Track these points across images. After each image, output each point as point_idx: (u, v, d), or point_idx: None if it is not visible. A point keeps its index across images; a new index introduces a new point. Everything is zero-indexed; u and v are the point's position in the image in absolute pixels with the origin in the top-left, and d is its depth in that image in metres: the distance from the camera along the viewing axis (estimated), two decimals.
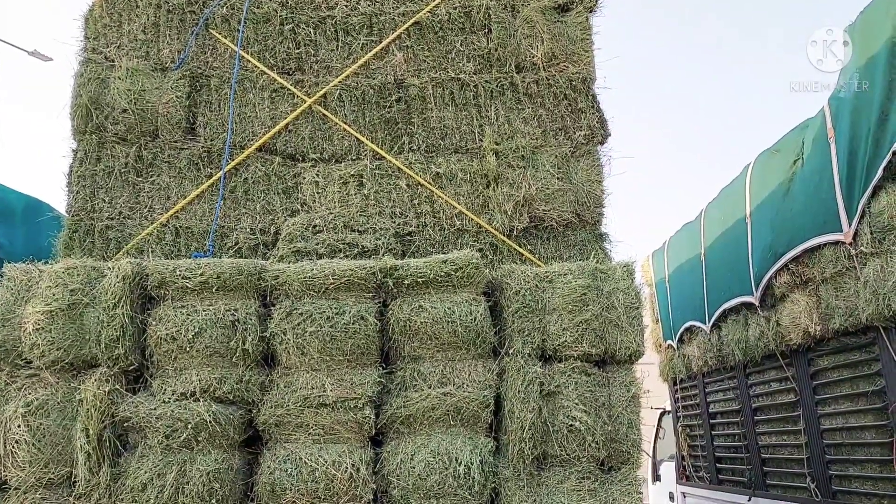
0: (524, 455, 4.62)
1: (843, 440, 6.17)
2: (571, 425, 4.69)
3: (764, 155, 7.47)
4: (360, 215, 5.82)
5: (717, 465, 9.02)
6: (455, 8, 6.19)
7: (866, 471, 5.90)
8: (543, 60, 6.08)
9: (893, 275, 5.12)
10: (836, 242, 5.84)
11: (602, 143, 6.07)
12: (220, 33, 6.14)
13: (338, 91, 6.04)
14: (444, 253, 5.30)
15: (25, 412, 4.48)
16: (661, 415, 11.83)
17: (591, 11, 6.28)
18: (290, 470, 4.47)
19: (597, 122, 6.05)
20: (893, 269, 5.13)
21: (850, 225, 5.62)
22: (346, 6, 6.23)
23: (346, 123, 6.01)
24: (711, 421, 9.18)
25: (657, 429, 11.91)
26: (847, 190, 5.67)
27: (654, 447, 11.92)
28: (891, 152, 5.11)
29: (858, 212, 5.50)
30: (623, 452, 4.81)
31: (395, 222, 5.84)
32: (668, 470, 11.01)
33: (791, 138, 6.92)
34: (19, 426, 4.45)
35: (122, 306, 4.60)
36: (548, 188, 5.82)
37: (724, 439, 8.89)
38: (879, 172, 5.24)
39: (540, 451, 4.70)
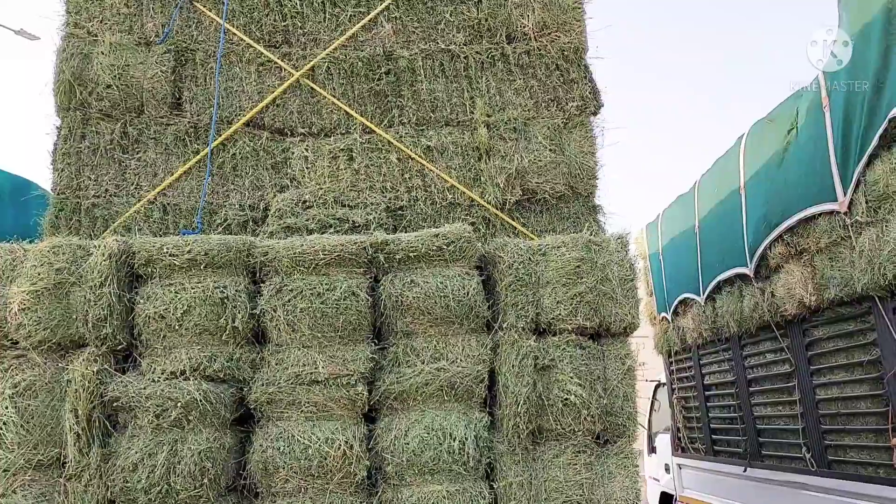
0: (519, 430, 4.59)
1: (839, 410, 6.17)
2: (566, 399, 4.66)
3: (758, 125, 7.41)
4: (351, 190, 5.75)
5: (713, 436, 9.04)
6: None
7: (862, 440, 5.90)
8: (535, 30, 5.99)
9: (889, 244, 5.08)
10: (831, 212, 5.81)
11: (595, 113, 6.01)
12: (204, 6, 6.02)
13: (326, 64, 5.95)
14: (436, 227, 5.23)
15: (13, 393, 4.43)
16: (657, 387, 11.86)
17: None
18: (282, 448, 4.44)
19: (589, 93, 5.98)
20: (889, 239, 5.09)
21: (845, 194, 5.58)
22: None
23: (334, 97, 5.92)
24: (706, 393, 9.19)
25: (652, 401, 11.94)
26: (842, 159, 5.62)
27: (650, 419, 11.96)
28: (886, 120, 5.06)
29: (853, 181, 5.46)
30: (619, 425, 4.79)
31: (385, 197, 5.77)
32: (664, 442, 11.05)
33: (785, 107, 6.85)
34: (7, 408, 4.41)
35: (109, 285, 4.54)
36: (540, 160, 5.75)
37: (719, 411, 8.90)
38: (875, 141, 5.20)
39: (535, 425, 4.67)
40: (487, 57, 5.98)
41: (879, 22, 5.24)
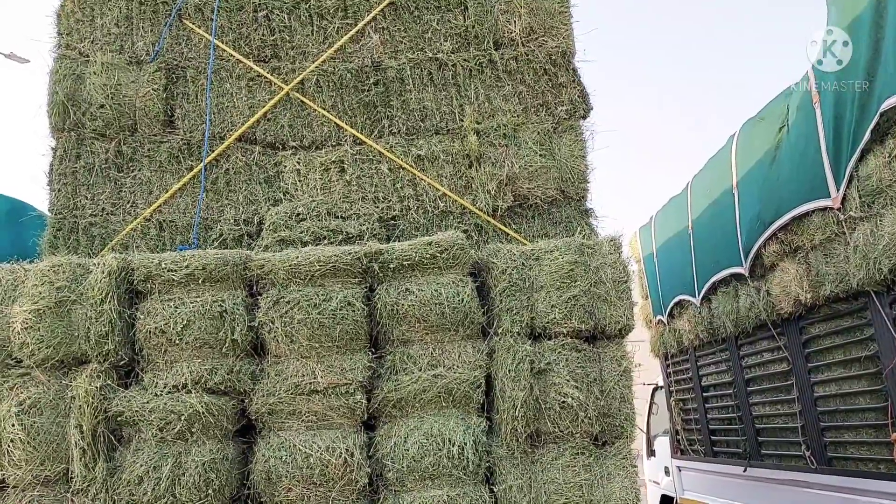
0: (517, 433, 4.63)
1: (838, 407, 6.17)
2: (563, 402, 4.69)
3: (749, 123, 7.42)
4: (343, 201, 5.79)
5: (712, 437, 9.04)
6: None
7: (861, 437, 5.90)
8: (522, 36, 6.04)
9: (883, 238, 5.08)
10: (825, 208, 5.82)
11: (584, 117, 6.04)
12: (193, 23, 6.08)
13: (315, 77, 6.00)
14: (429, 235, 5.26)
15: (18, 411, 4.48)
16: (654, 390, 11.85)
17: None
18: (284, 457, 4.48)
19: (578, 97, 6.01)
20: (883, 233, 5.09)
21: (838, 190, 5.59)
22: None
23: (324, 109, 5.97)
24: (704, 394, 9.19)
25: (650, 404, 11.93)
26: (834, 155, 5.63)
27: (648, 422, 11.95)
28: (878, 114, 5.07)
29: (846, 176, 5.46)
30: (616, 427, 4.82)
31: (378, 207, 5.82)
32: (663, 445, 11.03)
33: (776, 105, 6.87)
34: (13, 425, 4.45)
35: (110, 301, 4.58)
36: (531, 166, 5.79)
37: (717, 412, 8.90)
38: (867, 136, 5.19)
39: (533, 428, 4.70)
40: (475, 64, 6.03)
41: (868, 16, 5.25)
